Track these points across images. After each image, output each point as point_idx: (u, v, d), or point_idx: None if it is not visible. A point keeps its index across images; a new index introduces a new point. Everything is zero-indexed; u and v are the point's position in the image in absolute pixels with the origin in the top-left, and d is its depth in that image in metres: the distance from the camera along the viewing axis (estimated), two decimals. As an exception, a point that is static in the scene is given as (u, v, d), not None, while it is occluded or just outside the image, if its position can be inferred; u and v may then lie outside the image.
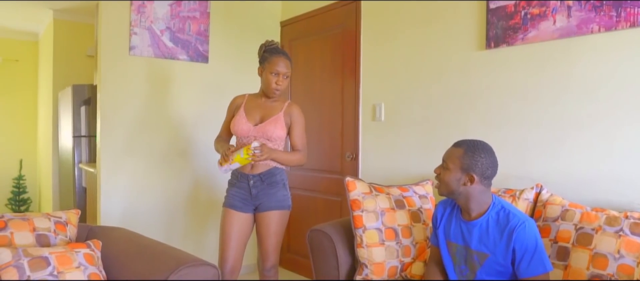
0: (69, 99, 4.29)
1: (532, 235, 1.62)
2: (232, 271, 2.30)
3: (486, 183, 1.71)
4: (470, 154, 1.68)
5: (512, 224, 1.64)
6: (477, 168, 1.67)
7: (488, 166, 1.68)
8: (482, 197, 1.72)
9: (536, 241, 1.61)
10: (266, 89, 2.33)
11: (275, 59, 2.29)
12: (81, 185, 4.17)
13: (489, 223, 1.71)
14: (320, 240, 2.22)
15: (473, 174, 1.68)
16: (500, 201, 1.75)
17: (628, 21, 1.92)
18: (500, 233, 1.67)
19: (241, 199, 2.33)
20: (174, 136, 3.40)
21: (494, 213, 1.71)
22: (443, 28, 2.66)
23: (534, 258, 1.60)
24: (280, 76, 2.29)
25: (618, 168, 1.99)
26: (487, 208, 1.73)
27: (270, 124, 2.32)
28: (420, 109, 2.79)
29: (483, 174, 1.68)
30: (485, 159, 1.67)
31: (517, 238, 1.62)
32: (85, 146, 4.26)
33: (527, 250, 1.61)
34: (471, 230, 1.75)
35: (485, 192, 1.73)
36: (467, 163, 1.68)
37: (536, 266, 1.60)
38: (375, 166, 3.10)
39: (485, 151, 1.69)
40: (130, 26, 3.16)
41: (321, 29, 3.55)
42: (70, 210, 2.05)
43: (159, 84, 3.32)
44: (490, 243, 1.69)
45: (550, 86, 2.20)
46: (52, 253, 1.63)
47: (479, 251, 1.73)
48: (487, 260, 1.70)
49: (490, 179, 1.71)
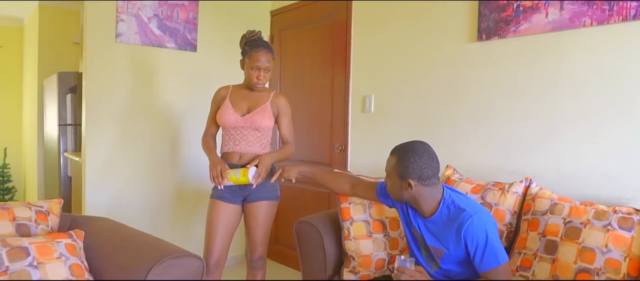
0: (54, 86, 4.22)
1: (481, 228, 1.60)
2: (217, 264, 2.27)
3: (428, 183, 1.67)
4: (401, 162, 1.67)
5: (460, 220, 1.63)
6: (412, 173, 1.65)
7: (422, 167, 1.65)
8: (430, 196, 1.71)
9: (486, 235, 1.60)
10: (248, 83, 2.32)
11: (255, 54, 2.25)
12: (66, 174, 4.11)
13: (441, 218, 1.71)
14: (307, 232, 2.20)
15: (409, 180, 1.66)
16: (450, 195, 1.72)
17: (620, 15, 1.92)
18: (450, 229, 1.66)
19: (230, 191, 2.31)
20: (161, 125, 3.35)
21: (445, 209, 1.70)
22: (435, 20, 2.63)
23: (485, 252, 1.59)
24: (261, 71, 2.27)
25: (607, 163, 1.99)
26: (438, 203, 1.71)
27: (258, 114, 2.30)
28: (410, 101, 2.78)
29: (420, 177, 1.65)
30: (417, 162, 1.64)
31: (467, 234, 1.61)
32: (71, 135, 4.20)
33: (478, 245, 1.60)
34: (428, 226, 1.75)
35: (432, 191, 1.70)
36: (401, 170, 1.67)
37: (489, 260, 1.60)
38: (365, 158, 3.08)
39: (415, 153, 1.66)
40: (117, 13, 3.10)
41: (312, 19, 3.51)
42: (52, 199, 2.00)
43: (146, 72, 3.27)
44: (443, 239, 1.70)
45: (542, 80, 2.19)
46: (32, 243, 1.59)
47: (434, 247, 1.74)
48: (443, 254, 1.71)
49: (431, 178, 1.68)
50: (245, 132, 2.30)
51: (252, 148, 2.31)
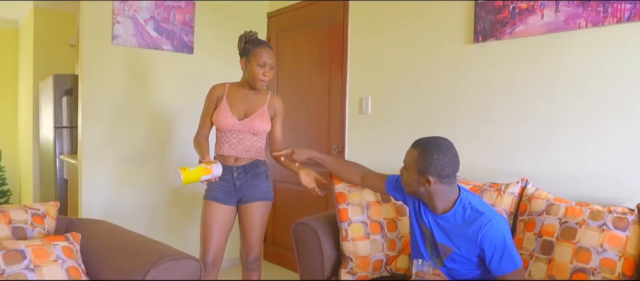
0: (50, 89, 4.20)
1: (499, 233, 1.59)
2: (213, 264, 2.26)
3: (446, 181, 1.65)
4: (424, 156, 1.63)
5: (478, 223, 1.61)
6: (432, 170, 1.62)
7: (444, 165, 1.62)
8: (445, 194, 1.68)
9: (504, 239, 1.59)
10: (252, 81, 2.27)
11: (259, 50, 2.23)
12: (62, 177, 4.10)
13: (456, 218, 1.68)
14: (305, 234, 2.20)
15: (429, 177, 1.63)
16: (467, 196, 1.71)
17: (614, 17, 1.93)
18: (466, 230, 1.64)
19: (224, 192, 2.30)
20: (158, 128, 3.35)
21: (461, 209, 1.68)
22: (431, 21, 2.64)
23: (503, 256, 1.58)
24: (267, 67, 2.24)
25: (603, 164, 2.00)
26: (453, 203, 1.69)
27: (257, 119, 2.29)
28: (407, 102, 2.78)
29: (440, 175, 1.63)
30: (440, 159, 1.61)
31: (485, 238, 1.60)
32: (66, 138, 4.18)
33: (496, 249, 1.59)
34: (439, 223, 1.73)
35: (448, 189, 1.68)
36: (421, 165, 1.64)
37: (507, 264, 1.59)
38: (362, 160, 3.07)
39: (439, 150, 1.63)
40: (113, 15, 3.09)
41: (309, 21, 3.52)
42: (48, 202, 1.99)
43: (142, 74, 3.26)
44: (455, 238, 1.68)
45: (538, 81, 2.20)
46: (28, 246, 1.58)
47: (443, 245, 1.72)
48: (451, 253, 1.70)
49: (451, 177, 1.66)
50: (242, 137, 2.29)
51: (248, 152, 2.30)
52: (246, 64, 2.27)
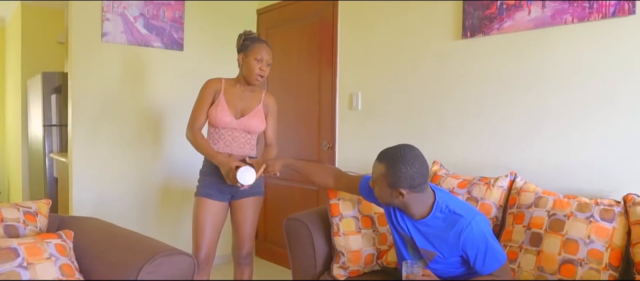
0: (38, 87, 4.17)
1: (480, 234, 1.60)
2: (206, 260, 2.27)
3: (419, 190, 1.63)
4: (392, 171, 1.60)
5: (459, 227, 1.61)
6: (402, 182, 1.60)
7: (414, 176, 1.59)
8: (421, 201, 1.67)
9: (485, 239, 1.60)
10: (249, 76, 2.29)
11: (258, 46, 2.26)
12: (52, 175, 4.07)
13: (435, 222, 1.67)
14: (297, 229, 2.22)
15: (401, 189, 1.61)
16: (443, 198, 1.70)
17: (600, 13, 1.96)
18: (447, 234, 1.64)
19: (217, 189, 2.31)
20: (148, 125, 3.34)
21: (439, 213, 1.67)
22: (420, 17, 2.67)
23: (487, 256, 1.60)
24: (264, 62, 2.27)
25: (589, 156, 2.04)
26: (430, 208, 1.68)
27: (253, 118, 2.31)
28: (397, 98, 2.81)
29: (411, 186, 1.60)
30: (408, 171, 1.58)
31: (466, 241, 1.60)
32: (56, 136, 4.16)
33: (479, 250, 1.60)
34: (418, 228, 1.72)
35: (423, 196, 1.66)
36: (391, 180, 1.61)
37: (491, 262, 1.61)
38: (352, 155, 3.11)
39: (406, 162, 1.59)
40: (103, 12, 3.08)
41: (298, 17, 3.52)
42: (40, 200, 1.99)
43: (132, 71, 3.25)
44: (437, 242, 1.68)
45: (525, 76, 2.23)
46: (21, 244, 1.58)
47: (425, 250, 1.72)
48: (435, 256, 1.70)
49: (422, 185, 1.63)
50: (237, 135, 2.31)
51: (242, 150, 2.32)
52: (244, 59, 2.29)
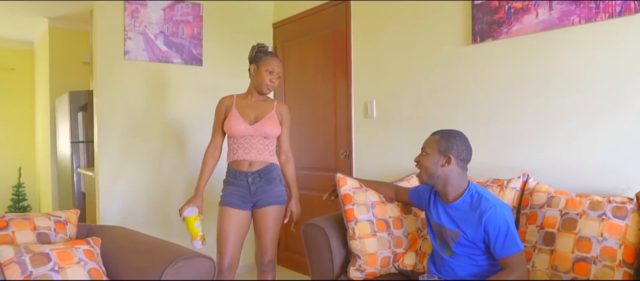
0: (66, 105, 4.34)
1: (502, 217, 1.72)
2: (229, 268, 2.34)
3: (462, 166, 1.84)
4: (446, 139, 1.84)
5: (483, 208, 1.75)
6: (453, 150, 1.81)
7: (463, 149, 1.83)
8: (458, 180, 1.85)
9: (507, 223, 1.72)
10: (259, 85, 2.40)
11: (270, 58, 2.39)
12: (80, 190, 4.21)
13: (464, 205, 1.83)
14: (314, 234, 2.27)
15: (450, 156, 1.81)
16: (475, 187, 1.86)
17: (606, 12, 1.99)
18: (471, 215, 1.78)
19: (240, 197, 2.38)
20: (170, 138, 3.45)
21: (469, 197, 1.83)
22: (430, 25, 2.72)
23: (507, 238, 1.71)
24: (274, 74, 2.38)
25: (601, 155, 2.05)
26: (463, 191, 1.85)
27: (267, 122, 2.39)
28: (410, 105, 2.85)
29: (459, 156, 1.82)
30: (460, 144, 1.83)
31: (488, 221, 1.72)
32: (83, 152, 4.30)
33: (500, 232, 1.71)
34: (448, 211, 1.87)
35: (462, 175, 1.85)
36: (443, 146, 1.82)
37: (510, 246, 1.70)
38: (369, 163, 3.15)
39: (459, 137, 1.85)
40: (125, 31, 3.21)
41: (312, 29, 3.61)
42: (69, 210, 2.09)
43: (154, 87, 3.37)
44: (462, 223, 1.81)
45: (534, 78, 2.26)
46: (52, 250, 1.68)
47: (451, 230, 1.85)
48: (459, 237, 1.82)
49: (466, 162, 1.85)
50: (255, 141, 2.39)
51: (261, 156, 2.39)
52: (255, 69, 2.40)
